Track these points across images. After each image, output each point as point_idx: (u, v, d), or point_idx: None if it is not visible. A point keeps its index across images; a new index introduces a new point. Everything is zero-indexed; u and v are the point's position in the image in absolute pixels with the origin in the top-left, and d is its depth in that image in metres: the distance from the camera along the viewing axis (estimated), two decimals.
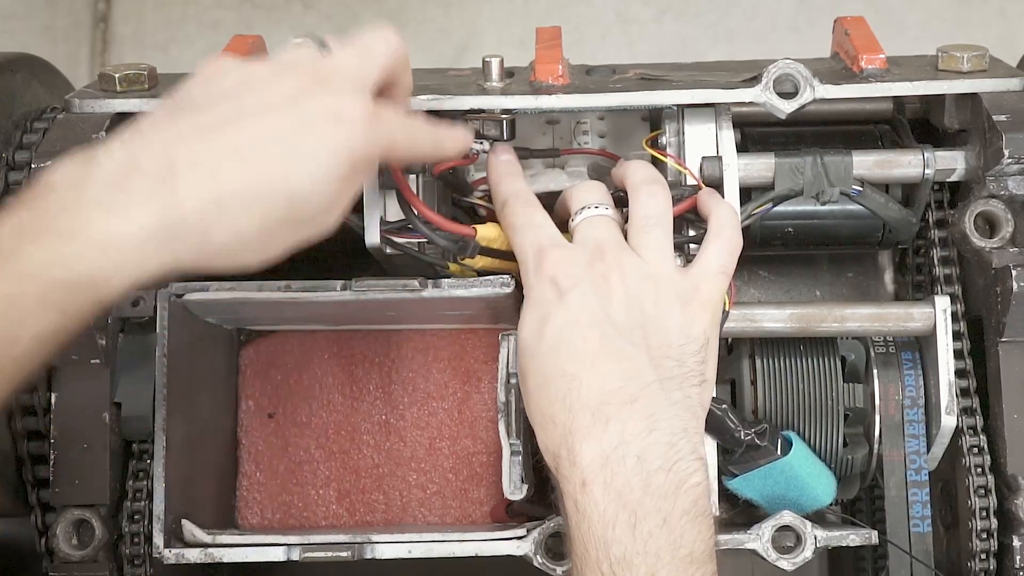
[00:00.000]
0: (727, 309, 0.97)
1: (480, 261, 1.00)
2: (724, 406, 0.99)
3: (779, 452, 1.01)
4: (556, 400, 0.88)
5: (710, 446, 1.00)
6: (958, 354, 1.05)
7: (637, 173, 0.98)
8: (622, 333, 0.89)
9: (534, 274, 0.93)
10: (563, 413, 0.88)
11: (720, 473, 1.01)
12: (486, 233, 0.99)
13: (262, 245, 0.82)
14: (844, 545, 1.01)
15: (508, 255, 0.99)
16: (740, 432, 0.99)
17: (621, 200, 0.98)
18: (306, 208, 0.82)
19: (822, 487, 1.02)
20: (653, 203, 0.95)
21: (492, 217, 1.09)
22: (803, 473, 1.01)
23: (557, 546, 0.98)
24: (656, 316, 0.91)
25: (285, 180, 0.80)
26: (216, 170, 0.78)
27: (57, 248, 0.75)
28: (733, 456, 1.01)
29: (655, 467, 0.85)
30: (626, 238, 0.95)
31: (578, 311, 0.90)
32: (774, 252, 1.15)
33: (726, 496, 1.03)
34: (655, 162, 1.03)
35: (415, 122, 0.92)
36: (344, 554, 0.98)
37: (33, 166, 1.02)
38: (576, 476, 0.86)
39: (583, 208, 0.96)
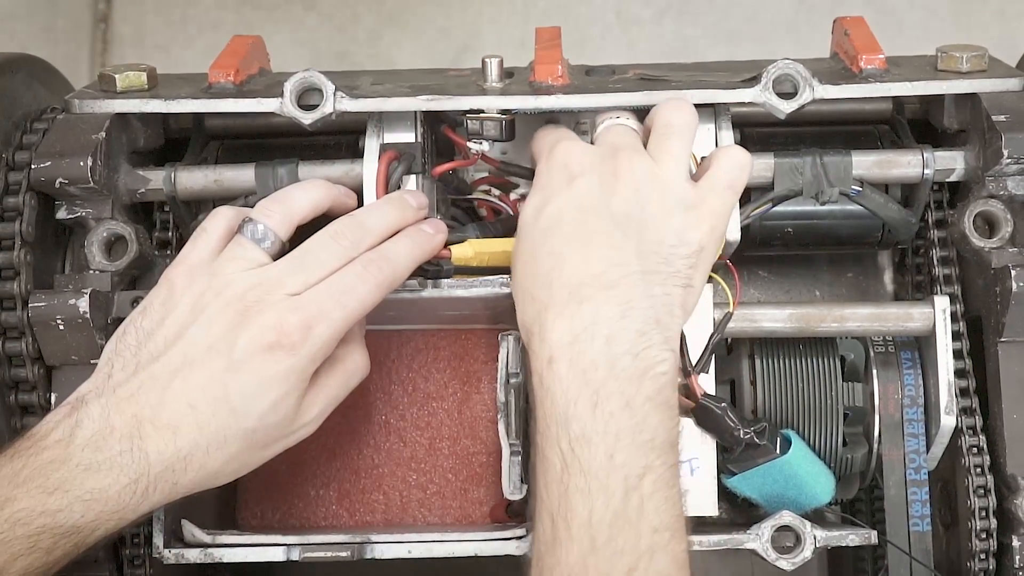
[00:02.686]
0: (731, 311, 0.97)
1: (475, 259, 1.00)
2: (723, 405, 1.00)
3: (778, 451, 1.01)
4: (539, 277, 0.89)
5: (709, 445, 1.00)
6: (957, 354, 1.05)
7: (664, 101, 0.99)
8: (618, 224, 0.90)
9: (545, 161, 0.95)
10: (543, 290, 0.89)
11: (719, 471, 1.01)
12: (461, 253, 0.99)
13: (236, 469, 0.91)
14: (843, 545, 1.01)
15: (485, 271, 0.99)
16: (739, 430, 0.99)
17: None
18: (267, 434, 0.90)
19: (821, 486, 1.02)
20: (678, 114, 0.96)
21: (491, 217, 1.09)
22: (802, 472, 1.01)
23: None
24: (656, 217, 0.91)
25: (236, 420, 0.88)
26: (176, 426, 0.88)
27: (45, 501, 0.85)
28: (732, 454, 1.01)
29: (622, 351, 0.86)
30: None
31: (581, 196, 0.91)
32: (774, 252, 1.15)
33: (725, 495, 1.03)
34: None
35: (350, 275, 0.92)
36: (344, 554, 0.99)
37: (33, 166, 1.02)
38: (544, 352, 0.87)
39: (606, 119, 0.99)
